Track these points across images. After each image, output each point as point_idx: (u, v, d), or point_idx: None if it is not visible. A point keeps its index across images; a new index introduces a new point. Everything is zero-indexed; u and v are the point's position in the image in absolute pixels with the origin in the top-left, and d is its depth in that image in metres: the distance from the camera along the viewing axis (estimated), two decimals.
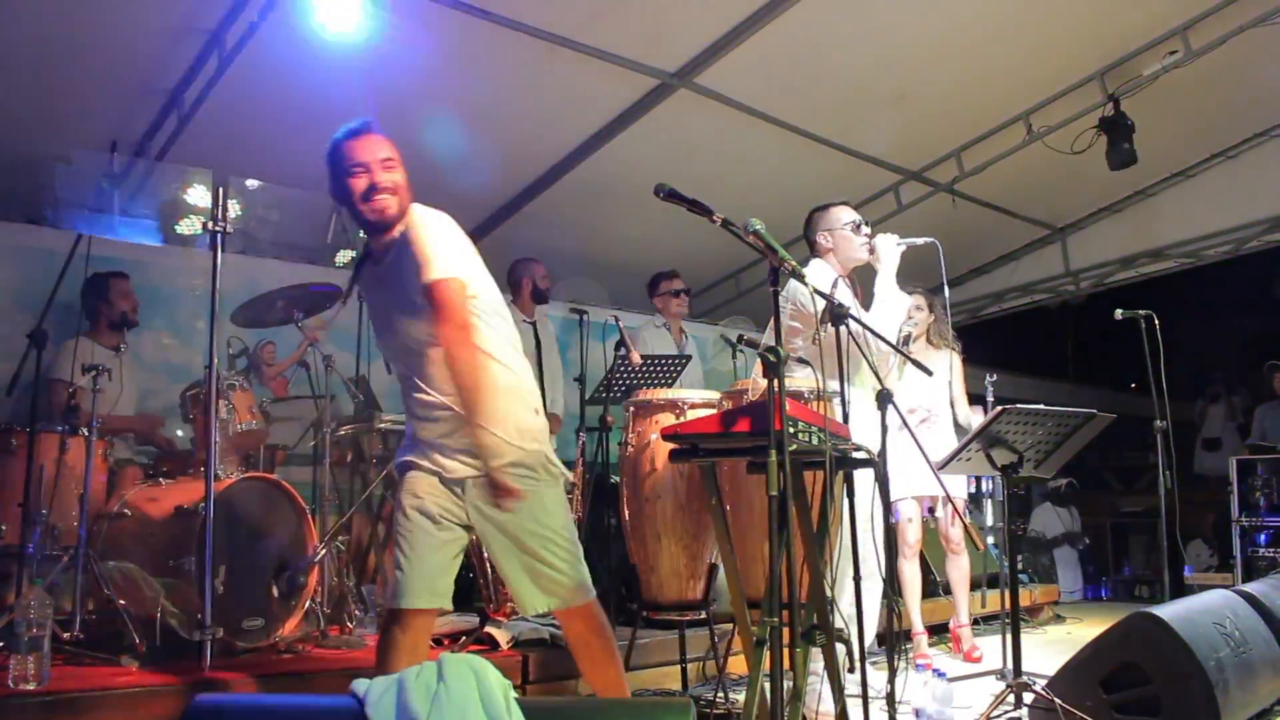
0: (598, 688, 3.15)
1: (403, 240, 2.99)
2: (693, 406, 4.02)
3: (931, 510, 5.79)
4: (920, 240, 4.34)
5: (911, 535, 5.58)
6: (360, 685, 2.10)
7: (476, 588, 4.90)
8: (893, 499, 5.38)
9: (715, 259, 8.48)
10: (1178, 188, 8.55)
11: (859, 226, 4.43)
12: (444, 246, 2.94)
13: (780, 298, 2.67)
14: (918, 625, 5.63)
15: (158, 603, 4.00)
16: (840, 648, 3.19)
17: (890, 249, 4.30)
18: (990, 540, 7.48)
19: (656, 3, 5.64)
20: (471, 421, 2.90)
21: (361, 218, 3.02)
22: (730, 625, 3.98)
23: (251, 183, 5.77)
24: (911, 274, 5.90)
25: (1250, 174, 8.10)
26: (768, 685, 2.58)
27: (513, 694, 2.09)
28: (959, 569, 5.74)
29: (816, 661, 3.59)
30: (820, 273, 4.27)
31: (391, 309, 3.05)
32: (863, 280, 4.49)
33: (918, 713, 4.13)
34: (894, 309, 4.22)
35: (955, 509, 5.26)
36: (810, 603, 3.03)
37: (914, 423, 5.20)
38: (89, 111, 5.70)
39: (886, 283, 4.26)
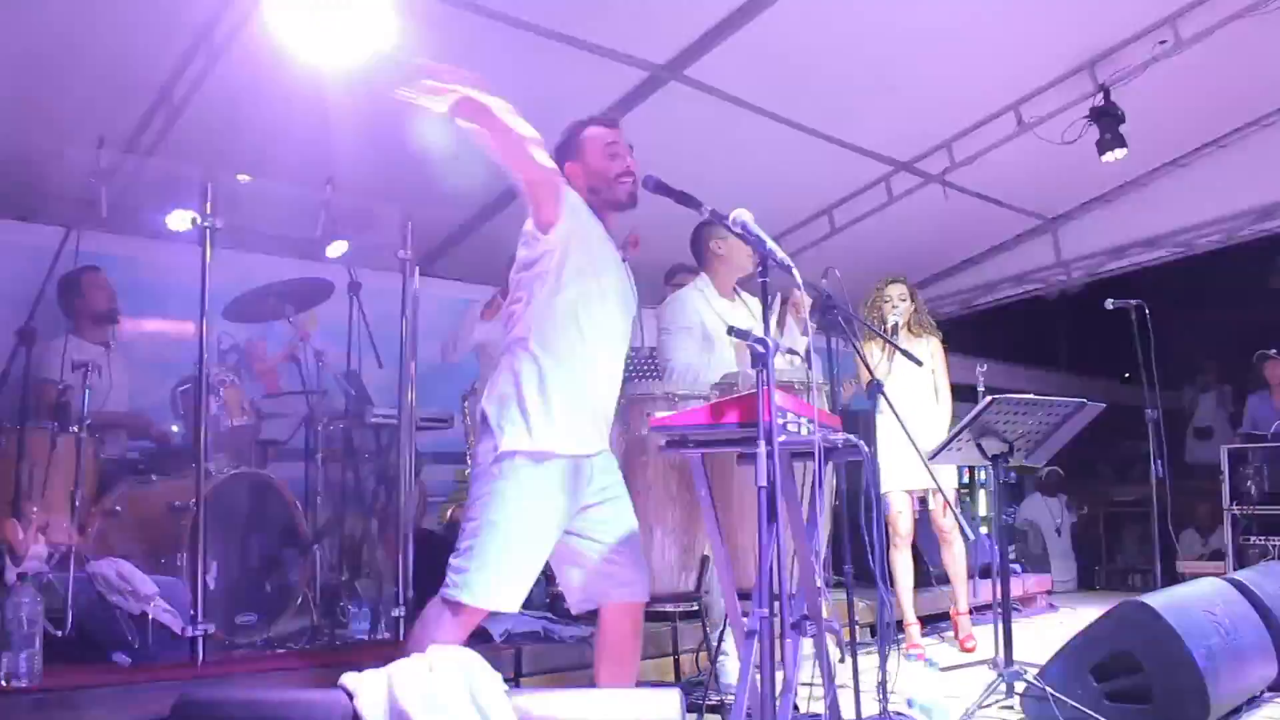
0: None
1: None
2: (683, 398, 4.02)
3: (924, 501, 5.79)
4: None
5: (902, 526, 5.58)
6: (350, 679, 2.11)
7: None
8: (881, 491, 5.39)
9: None
10: (1169, 177, 8.53)
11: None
12: None
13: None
14: (910, 615, 5.64)
15: (150, 599, 3.99)
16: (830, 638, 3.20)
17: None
18: (983, 530, 7.50)
19: None
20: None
21: (610, 193, 3.19)
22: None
23: (242, 178, 5.75)
24: (899, 266, 5.91)
25: (1241, 163, 8.09)
26: (758, 676, 2.59)
27: (502, 687, 2.09)
28: (952, 558, 5.73)
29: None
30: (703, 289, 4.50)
31: (626, 290, 3.18)
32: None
33: (910, 702, 4.14)
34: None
35: (946, 501, 5.26)
36: (800, 594, 3.03)
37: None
38: (77, 107, 5.67)
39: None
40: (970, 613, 5.85)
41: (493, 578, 2.85)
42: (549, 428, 2.96)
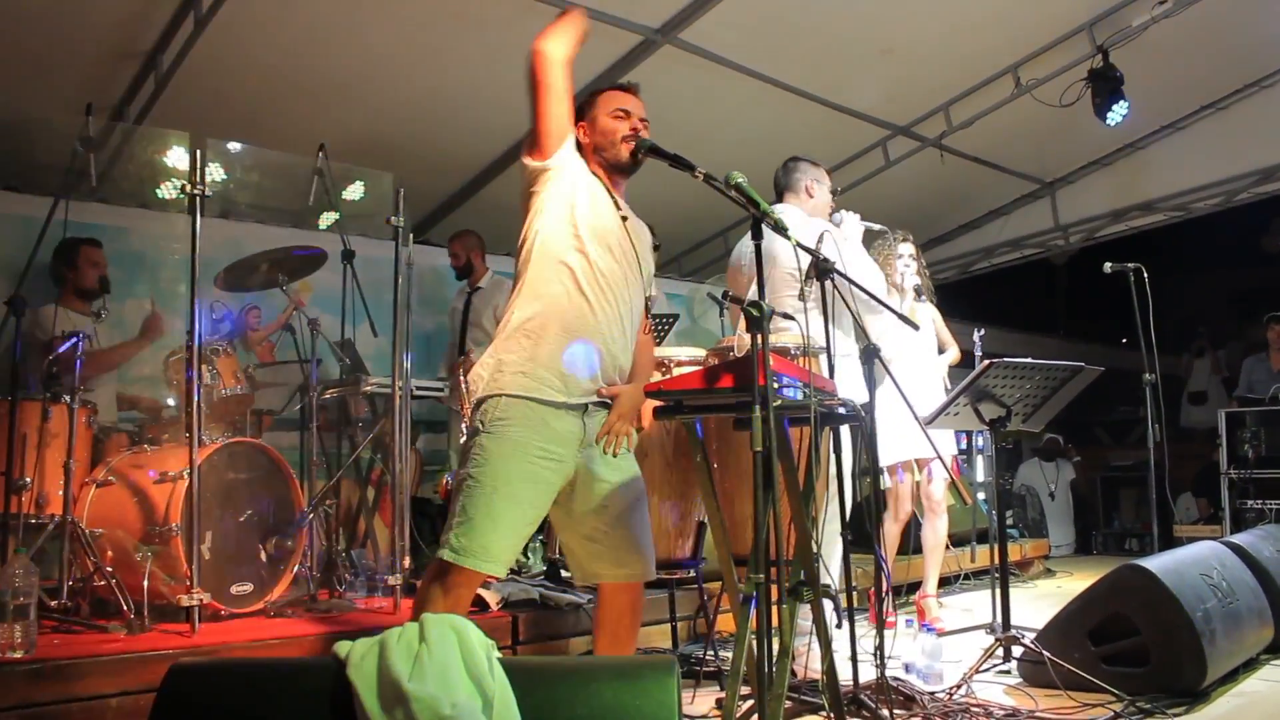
0: None
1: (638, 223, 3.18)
2: (679, 364, 4.00)
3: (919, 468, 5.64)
4: (876, 226, 4.70)
5: (907, 505, 5.46)
6: (342, 647, 2.09)
7: None
8: (892, 462, 5.34)
9: (703, 217, 8.43)
10: (1167, 140, 8.50)
11: (836, 192, 4.75)
12: None
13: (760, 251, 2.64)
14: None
15: (145, 569, 3.99)
16: (827, 603, 3.19)
17: (855, 224, 4.58)
18: (980, 495, 7.50)
19: None
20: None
21: (612, 152, 3.13)
22: (719, 583, 3.98)
23: (233, 145, 5.70)
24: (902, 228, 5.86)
25: (1240, 126, 8.05)
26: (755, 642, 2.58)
27: (495, 654, 2.08)
28: (935, 533, 5.46)
29: (807, 619, 3.60)
30: (801, 222, 4.30)
31: (640, 254, 3.11)
32: None
33: (907, 667, 4.15)
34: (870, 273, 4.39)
35: (953, 464, 5.19)
36: (797, 559, 3.02)
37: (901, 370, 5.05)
38: (65, 75, 5.62)
39: (857, 250, 4.48)
40: (936, 595, 5.62)
41: (476, 535, 2.78)
42: (526, 372, 2.88)
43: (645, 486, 3.14)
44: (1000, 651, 4.12)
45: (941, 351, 5.78)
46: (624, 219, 3.09)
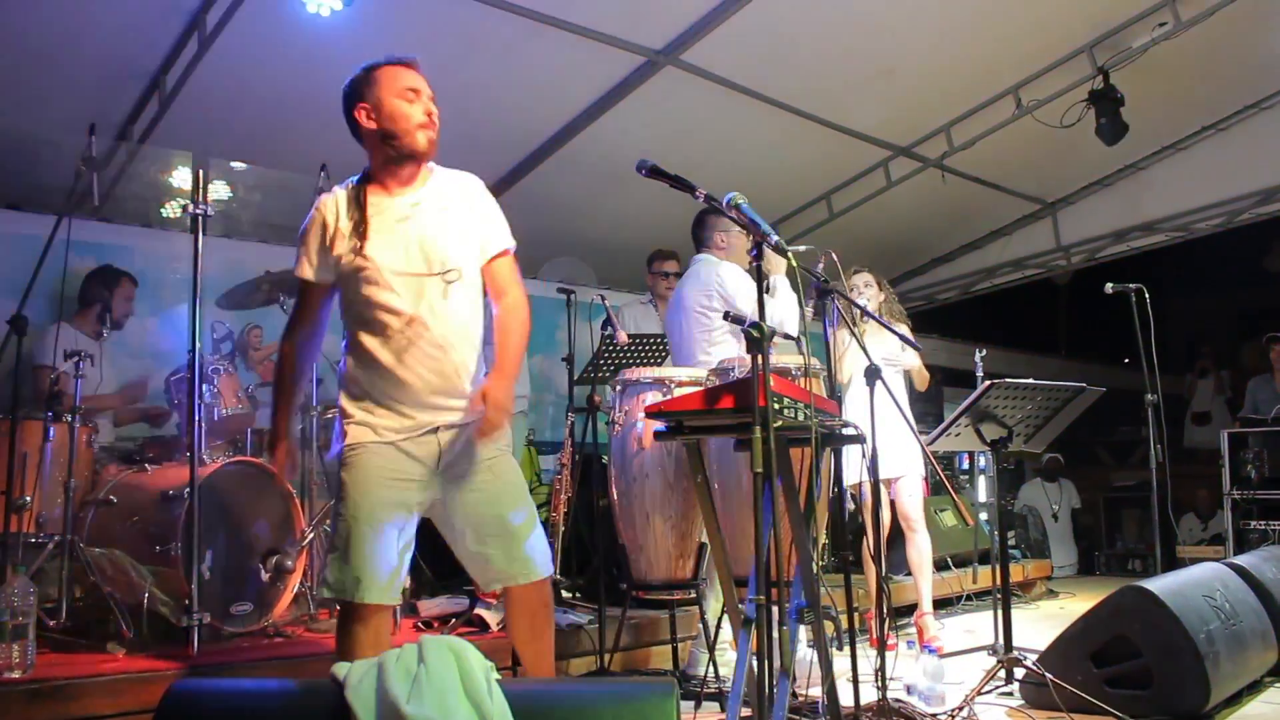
0: (530, 659, 3.07)
1: (449, 182, 3.09)
2: (680, 385, 3.99)
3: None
4: (802, 248, 4.53)
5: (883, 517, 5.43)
6: (341, 668, 2.09)
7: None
8: (855, 480, 5.31)
9: None
10: (1169, 161, 8.52)
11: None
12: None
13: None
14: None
15: (145, 589, 3.97)
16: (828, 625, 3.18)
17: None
18: (983, 516, 7.48)
19: None
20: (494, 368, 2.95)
21: (407, 144, 2.98)
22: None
23: (236, 165, 5.71)
24: (897, 251, 5.86)
25: (1242, 146, 8.07)
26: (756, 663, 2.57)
27: (494, 675, 2.07)
28: (918, 551, 5.43)
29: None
30: (734, 274, 4.40)
31: (437, 235, 2.97)
32: None
33: (909, 689, 4.13)
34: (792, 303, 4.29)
35: (951, 485, 5.18)
36: (798, 580, 3.01)
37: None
38: (69, 95, 5.64)
39: (784, 283, 4.35)
40: (935, 611, 5.60)
41: (348, 567, 2.86)
42: (364, 422, 2.98)
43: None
44: (1002, 673, 4.10)
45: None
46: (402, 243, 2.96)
